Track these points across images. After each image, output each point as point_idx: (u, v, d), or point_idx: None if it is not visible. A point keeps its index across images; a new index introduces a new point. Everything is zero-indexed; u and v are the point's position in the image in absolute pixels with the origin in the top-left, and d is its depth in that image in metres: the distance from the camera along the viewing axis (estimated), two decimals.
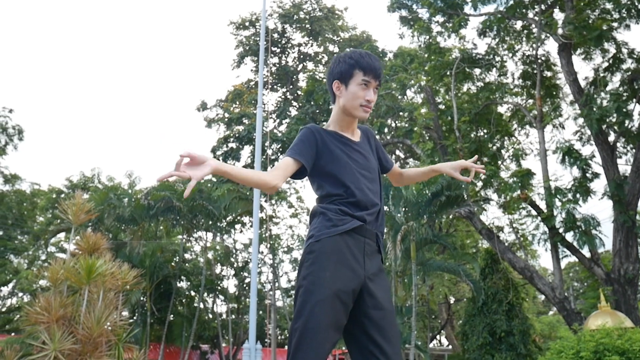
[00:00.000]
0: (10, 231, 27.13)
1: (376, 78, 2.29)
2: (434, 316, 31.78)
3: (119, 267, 9.52)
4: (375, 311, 2.07)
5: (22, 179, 28.41)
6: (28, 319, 9.11)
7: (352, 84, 2.26)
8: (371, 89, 2.28)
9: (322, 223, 2.12)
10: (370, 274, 2.11)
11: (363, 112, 2.30)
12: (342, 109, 2.33)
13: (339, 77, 2.31)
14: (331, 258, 2.03)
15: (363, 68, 2.26)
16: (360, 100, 2.26)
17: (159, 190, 18.76)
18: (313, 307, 1.94)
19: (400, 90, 20.49)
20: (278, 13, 25.00)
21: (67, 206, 9.95)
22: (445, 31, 20.30)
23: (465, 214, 16.52)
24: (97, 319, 8.76)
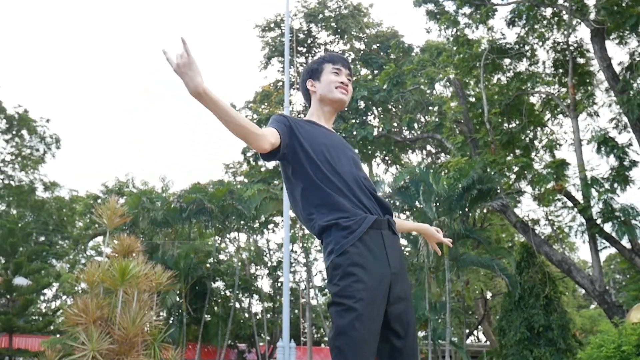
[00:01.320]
0: (52, 236, 28.03)
1: (345, 67, 2.35)
2: (471, 312, 31.35)
3: (152, 268, 9.71)
4: (398, 304, 2.05)
5: (60, 186, 29.38)
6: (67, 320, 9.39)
7: (324, 74, 2.33)
8: (343, 75, 2.33)
9: (337, 235, 2.03)
10: (395, 268, 2.07)
11: (340, 93, 2.30)
12: (319, 101, 2.34)
13: (310, 75, 2.38)
14: (358, 267, 1.97)
15: (331, 60, 2.36)
16: (335, 83, 2.30)
17: (190, 193, 19.06)
18: (353, 324, 1.89)
19: (429, 85, 20.25)
20: (303, 13, 25.06)
21: (102, 210, 10.20)
22: (472, 22, 19.98)
23: (498, 208, 16.24)
24: (132, 319, 8.96)
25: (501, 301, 18.99)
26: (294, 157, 2.12)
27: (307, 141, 2.13)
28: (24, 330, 15.41)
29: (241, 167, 27.85)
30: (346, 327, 1.90)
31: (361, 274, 1.96)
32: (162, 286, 10.46)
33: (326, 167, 2.11)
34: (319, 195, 2.09)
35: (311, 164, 2.11)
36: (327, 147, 2.17)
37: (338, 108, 2.36)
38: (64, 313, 9.84)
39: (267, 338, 25.39)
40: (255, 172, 24.29)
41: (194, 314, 20.81)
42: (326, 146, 2.17)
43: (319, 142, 2.16)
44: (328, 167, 2.12)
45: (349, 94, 2.33)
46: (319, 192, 2.09)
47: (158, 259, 17.18)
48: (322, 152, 2.14)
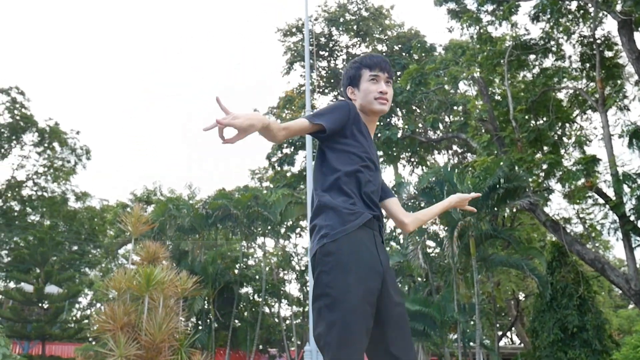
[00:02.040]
0: (84, 246, 28.66)
1: (383, 71, 2.33)
2: (503, 313, 30.78)
3: (177, 274, 9.81)
4: (394, 308, 2.04)
5: (91, 196, 30.02)
6: (97, 327, 9.55)
7: (363, 82, 2.32)
8: (382, 82, 2.32)
9: (334, 220, 2.01)
10: (385, 268, 2.06)
11: (379, 104, 2.30)
12: (360, 110, 2.34)
13: (349, 82, 2.37)
14: (352, 259, 1.94)
15: (368, 65, 2.33)
16: (373, 94, 2.29)
17: (216, 199, 19.22)
18: (345, 318, 1.85)
19: (452, 84, 20.02)
20: (324, 17, 25.10)
21: (127, 218, 10.35)
22: (495, 19, 19.72)
23: (527, 206, 15.91)
24: (159, 325, 9.05)
25: (533, 302, 18.61)
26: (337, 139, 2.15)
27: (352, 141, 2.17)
28: (57, 337, 15.75)
29: (267, 172, 28.01)
30: (338, 322, 1.85)
31: (354, 267, 1.92)
32: (188, 292, 10.56)
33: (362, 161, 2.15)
34: (340, 178, 2.10)
35: (351, 152, 2.14)
36: (368, 152, 2.21)
37: (377, 116, 2.39)
38: (94, 320, 10.01)
39: (297, 342, 25.37)
40: (280, 177, 24.40)
41: (223, 320, 20.95)
42: (368, 151, 2.21)
43: (363, 144, 2.20)
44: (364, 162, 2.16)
45: (388, 102, 2.33)
46: (342, 176, 2.10)
47: (186, 265, 17.36)
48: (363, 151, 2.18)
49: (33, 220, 27.74)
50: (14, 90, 27.45)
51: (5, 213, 27.67)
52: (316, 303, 1.93)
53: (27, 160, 28.10)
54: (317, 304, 1.93)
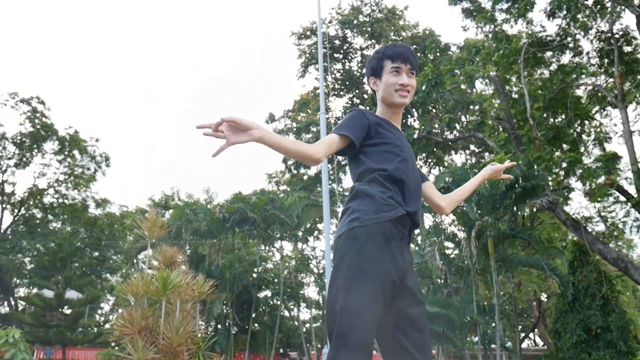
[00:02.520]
0: (105, 251, 29.01)
1: (405, 62, 2.29)
2: (526, 315, 30.35)
3: (193, 277, 9.88)
4: (414, 308, 2.02)
5: (111, 202, 30.41)
6: (115, 331, 9.64)
7: (384, 74, 2.30)
8: (404, 74, 2.28)
9: (368, 206, 2.03)
10: (408, 266, 2.04)
11: (399, 97, 2.27)
12: (382, 102, 2.34)
13: (372, 72, 2.36)
14: (377, 248, 1.95)
15: (390, 56, 2.30)
16: (394, 86, 2.27)
17: (232, 203, 19.29)
18: (360, 304, 1.87)
19: (468, 83, 19.84)
20: (337, 19, 25.10)
21: (143, 223, 10.46)
22: (510, 17, 19.52)
23: (546, 205, 15.67)
24: (176, 328, 9.11)
25: (555, 303, 18.31)
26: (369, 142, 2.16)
27: (380, 137, 2.18)
28: (77, 342, 15.94)
29: (284, 176, 28.06)
30: (352, 306, 1.87)
31: (378, 256, 1.93)
32: (205, 295, 10.62)
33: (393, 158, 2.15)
34: (379, 165, 2.12)
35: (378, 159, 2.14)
36: (399, 148, 2.20)
37: (399, 109, 2.35)
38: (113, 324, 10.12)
39: (317, 346, 25.31)
40: (296, 180, 24.41)
41: (242, 323, 20.98)
42: (399, 147, 2.21)
43: (392, 142, 2.20)
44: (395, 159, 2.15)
45: (410, 95, 2.29)
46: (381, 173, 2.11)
47: (204, 269, 17.44)
48: (393, 148, 2.18)
49: (55, 227, 28.16)
50: (35, 100, 27.97)
51: (28, 221, 28.13)
52: (334, 283, 1.95)
53: (48, 169, 28.59)
54: (336, 284, 1.94)
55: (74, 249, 18.00)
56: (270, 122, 25.73)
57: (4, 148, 27.88)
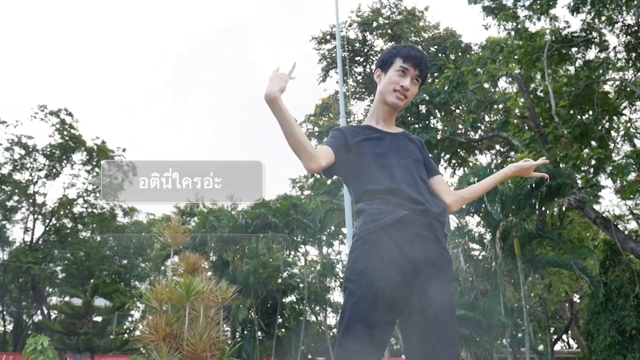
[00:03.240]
0: (133, 259, 29.47)
1: (415, 67, 2.26)
2: (558, 316, 29.70)
3: (216, 283, 9.90)
4: (434, 304, 1.97)
5: (138, 211, 30.91)
6: (140, 338, 9.73)
7: (391, 70, 2.27)
8: (408, 78, 2.25)
9: (364, 219, 2.07)
10: (421, 267, 1.99)
11: (395, 98, 2.25)
12: (378, 96, 2.32)
13: (380, 65, 2.34)
14: (374, 255, 1.97)
15: (403, 56, 2.27)
16: (393, 85, 2.24)
17: (255, 208, 19.40)
18: (354, 307, 1.93)
19: (491, 82, 19.58)
20: (357, 22, 25.06)
21: (165, 230, 10.54)
22: (533, 14, 19.22)
23: (574, 204, 15.31)
24: (199, 335, 9.15)
25: (587, 303, 17.87)
26: (346, 168, 2.18)
27: (359, 154, 2.18)
28: (105, 349, 16.22)
29: (307, 181, 28.08)
30: (347, 310, 1.94)
31: (374, 263, 1.95)
32: (228, 301, 10.64)
33: (374, 171, 2.14)
34: (364, 187, 2.14)
35: (360, 169, 2.16)
36: (379, 155, 2.18)
37: (393, 109, 2.32)
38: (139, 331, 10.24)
39: None
40: (319, 184, 24.41)
41: (267, 329, 21.03)
42: (379, 155, 2.19)
43: (371, 152, 2.19)
44: (376, 171, 2.14)
45: (406, 100, 2.26)
46: (364, 186, 2.14)
47: (228, 275, 17.54)
48: (372, 159, 2.17)
49: (85, 237, 28.71)
50: (63, 112, 28.64)
51: (59, 230, 28.76)
52: (343, 292, 2.04)
53: (77, 179, 29.20)
54: (343, 293, 2.04)
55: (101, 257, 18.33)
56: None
57: (35, 160, 28.59)
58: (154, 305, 10.34)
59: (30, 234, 28.53)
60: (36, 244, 27.91)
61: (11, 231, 29.42)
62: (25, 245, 27.87)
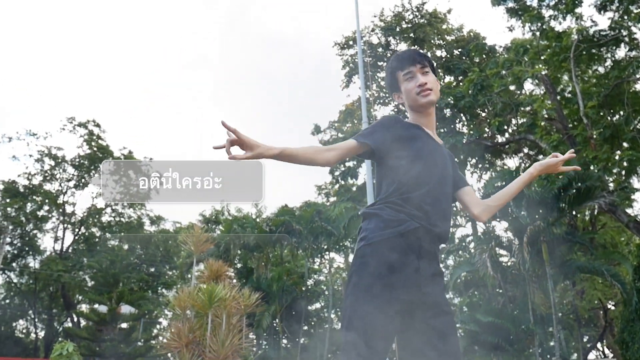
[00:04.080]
0: (160, 267, 29.78)
1: (414, 63, 2.27)
2: (592, 324, 28.85)
3: (239, 290, 9.90)
4: (437, 318, 1.98)
5: (165, 219, 31.24)
6: (164, 345, 9.77)
7: (402, 85, 2.28)
8: (418, 75, 2.25)
9: (376, 224, 2.03)
10: (425, 277, 1.99)
11: (423, 97, 2.23)
12: (409, 110, 2.32)
13: (392, 90, 2.36)
14: (383, 264, 1.94)
15: (398, 67, 2.29)
16: (414, 91, 2.24)
17: (279, 215, 19.40)
18: (362, 319, 1.90)
19: (517, 84, 19.25)
20: (380, 27, 24.96)
21: (188, 237, 10.61)
22: (558, 13, 18.87)
23: (605, 207, 14.87)
24: (222, 341, 9.13)
25: (621, 311, 17.29)
26: (386, 154, 2.15)
27: (400, 146, 2.15)
28: (130, 356, 16.36)
29: (333, 187, 28.00)
30: (355, 321, 1.91)
31: (383, 273, 1.93)
32: (251, 308, 10.62)
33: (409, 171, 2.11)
34: (392, 189, 2.10)
35: (396, 164, 2.12)
36: (420, 156, 2.15)
37: (430, 109, 2.29)
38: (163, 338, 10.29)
39: None
40: (344, 190, 24.29)
41: (292, 336, 20.92)
42: (419, 154, 2.15)
43: (419, 151, 2.16)
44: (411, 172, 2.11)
45: (434, 91, 2.23)
46: (394, 188, 2.10)
47: (253, 282, 17.53)
48: (412, 158, 2.14)
49: (113, 245, 29.15)
50: (91, 123, 29.19)
51: (88, 239, 29.26)
52: (344, 302, 2.01)
53: (104, 188, 29.67)
54: (345, 303, 2.00)
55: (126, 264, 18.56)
56: (316, 134, 25.81)
57: (64, 170, 29.19)
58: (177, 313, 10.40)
59: (60, 242, 29.14)
60: (66, 252, 28.44)
61: (42, 240, 30.01)
62: (56, 253, 28.42)
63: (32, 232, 28.90)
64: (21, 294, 29.02)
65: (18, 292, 29.13)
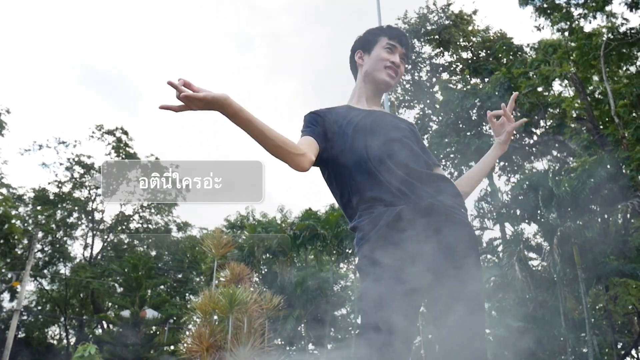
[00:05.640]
0: (187, 273, 30.02)
1: (402, 45, 2.10)
2: (627, 330, 27.94)
3: (260, 294, 9.86)
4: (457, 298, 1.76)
5: (192, 225, 31.53)
6: (186, 349, 9.77)
7: (376, 48, 2.09)
8: (397, 54, 2.09)
9: (357, 237, 1.87)
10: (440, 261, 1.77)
11: (387, 75, 2.06)
12: (363, 77, 2.12)
13: (361, 46, 2.15)
14: (376, 273, 1.76)
15: (388, 33, 2.11)
16: (385, 62, 2.06)
17: (303, 219, 19.33)
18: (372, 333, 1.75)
19: (545, 84, 18.82)
20: (404, 29, 24.78)
21: (209, 241, 10.64)
22: (588, 12, 18.44)
23: (639, 209, 14.34)
24: (243, 345, 9.08)
25: None
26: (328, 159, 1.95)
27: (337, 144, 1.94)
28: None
29: None
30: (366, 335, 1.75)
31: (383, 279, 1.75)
32: (273, 312, 10.56)
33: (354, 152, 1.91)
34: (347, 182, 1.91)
35: (340, 154, 1.92)
36: (358, 129, 1.95)
37: (382, 90, 2.13)
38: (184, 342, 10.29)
39: None
40: None
41: (317, 341, 20.78)
42: (356, 128, 1.95)
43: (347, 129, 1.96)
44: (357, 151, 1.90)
45: (397, 76, 2.08)
46: (347, 180, 1.91)
47: (277, 286, 17.48)
48: (350, 136, 1.93)
49: (140, 252, 29.52)
50: (119, 130, 29.70)
51: (116, 246, 29.70)
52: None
53: (132, 196, 30.10)
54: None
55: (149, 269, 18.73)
56: None
57: (95, 179, 29.71)
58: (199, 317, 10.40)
59: (89, 249, 29.64)
60: (95, 259, 28.90)
61: (72, 247, 30.59)
62: (85, 260, 28.92)
63: (62, 239, 29.46)
64: (53, 301, 29.57)
65: (50, 299, 29.69)
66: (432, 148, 21.66)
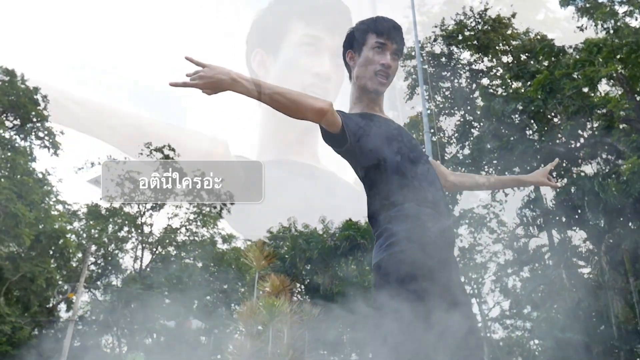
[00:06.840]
0: (233, 284, 30.43)
1: (392, 40, 1.99)
2: None
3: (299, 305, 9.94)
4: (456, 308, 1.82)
5: (236, 237, 31.98)
6: None
7: (365, 49, 2.01)
8: (388, 53, 1.99)
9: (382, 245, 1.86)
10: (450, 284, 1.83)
11: (377, 84, 1.99)
12: (356, 82, 2.06)
13: (350, 45, 2.07)
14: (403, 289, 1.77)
15: (375, 30, 2.00)
16: (374, 66, 1.98)
17: (343, 230, 19.35)
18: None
19: (589, 85, 18.25)
20: (442, 36, 24.52)
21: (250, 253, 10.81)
22: (634, 8, 17.85)
23: None
24: (282, 355, 9.16)
25: None
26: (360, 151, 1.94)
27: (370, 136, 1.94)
28: None
29: None
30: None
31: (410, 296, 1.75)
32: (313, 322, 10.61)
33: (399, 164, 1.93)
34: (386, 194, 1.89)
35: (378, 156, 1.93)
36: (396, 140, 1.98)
37: (376, 96, 2.07)
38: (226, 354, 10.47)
39: None
40: None
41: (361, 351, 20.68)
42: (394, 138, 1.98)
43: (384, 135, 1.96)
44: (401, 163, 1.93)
45: (389, 78, 2.01)
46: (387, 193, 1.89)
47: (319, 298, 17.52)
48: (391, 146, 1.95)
49: (187, 264, 30.14)
50: (167, 147, 30.55)
51: (164, 258, 30.44)
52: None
53: (179, 209, 30.86)
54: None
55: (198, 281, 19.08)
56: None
57: (142, 193, 30.60)
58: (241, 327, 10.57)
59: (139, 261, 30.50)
60: (144, 271, 29.69)
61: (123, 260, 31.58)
62: (135, 272, 29.76)
63: (114, 252, 30.45)
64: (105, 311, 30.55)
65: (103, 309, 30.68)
66: (473, 155, 21.29)
